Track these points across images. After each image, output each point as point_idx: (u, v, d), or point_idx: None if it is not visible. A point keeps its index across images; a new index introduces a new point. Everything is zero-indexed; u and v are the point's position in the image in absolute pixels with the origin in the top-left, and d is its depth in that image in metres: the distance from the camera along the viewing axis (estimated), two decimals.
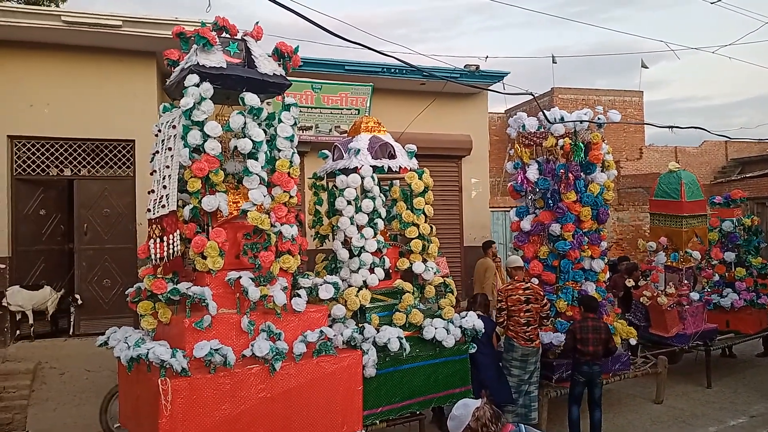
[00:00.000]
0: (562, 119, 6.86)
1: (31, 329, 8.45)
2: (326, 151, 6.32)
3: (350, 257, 5.63)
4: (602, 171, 7.17)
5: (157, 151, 4.89)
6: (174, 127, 4.72)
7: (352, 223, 5.59)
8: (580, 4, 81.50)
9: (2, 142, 8.37)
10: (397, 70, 10.62)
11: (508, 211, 13.35)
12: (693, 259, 8.43)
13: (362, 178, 5.63)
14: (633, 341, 7.35)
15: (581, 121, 6.85)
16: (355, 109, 10.62)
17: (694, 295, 8.21)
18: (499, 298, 6.46)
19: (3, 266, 8.30)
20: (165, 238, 4.56)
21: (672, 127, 7.27)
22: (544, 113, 6.78)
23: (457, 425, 2.80)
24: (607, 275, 7.34)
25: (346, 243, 5.67)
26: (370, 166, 5.73)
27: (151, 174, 4.93)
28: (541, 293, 6.46)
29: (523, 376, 6.26)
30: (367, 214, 5.64)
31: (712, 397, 7.77)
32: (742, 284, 8.85)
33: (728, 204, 9.30)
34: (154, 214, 4.69)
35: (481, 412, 2.77)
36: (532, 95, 6.80)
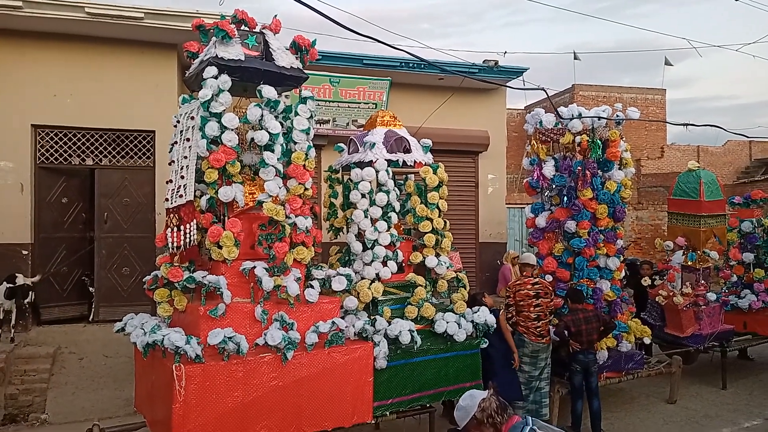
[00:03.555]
0: (579, 116, 6.82)
1: None
2: (342, 145, 6.36)
3: (363, 250, 5.67)
4: (620, 169, 7.11)
5: (176, 142, 4.97)
6: (192, 118, 4.79)
7: (366, 216, 5.63)
8: None
9: (26, 131, 8.55)
10: (415, 65, 10.61)
11: (525, 207, 13.34)
12: (711, 259, 8.33)
13: (377, 171, 5.66)
14: (647, 340, 7.30)
15: (598, 118, 6.80)
16: (373, 104, 10.64)
17: (711, 296, 8.13)
18: (507, 294, 6.48)
19: (25, 252, 8.50)
20: (182, 228, 4.63)
21: (687, 124, 7.24)
22: (556, 110, 6.76)
23: (463, 416, 2.82)
24: (623, 273, 7.29)
25: (360, 236, 5.71)
26: (385, 159, 5.76)
27: (170, 164, 5.01)
28: (550, 289, 6.48)
29: (533, 372, 6.27)
30: (381, 208, 5.68)
31: (727, 399, 7.69)
32: (760, 285, 8.70)
33: (748, 204, 9.15)
34: (171, 203, 4.77)
35: (487, 403, 2.78)
36: (544, 90, 6.77)
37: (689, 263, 8.23)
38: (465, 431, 2.82)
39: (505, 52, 10.04)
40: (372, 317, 5.40)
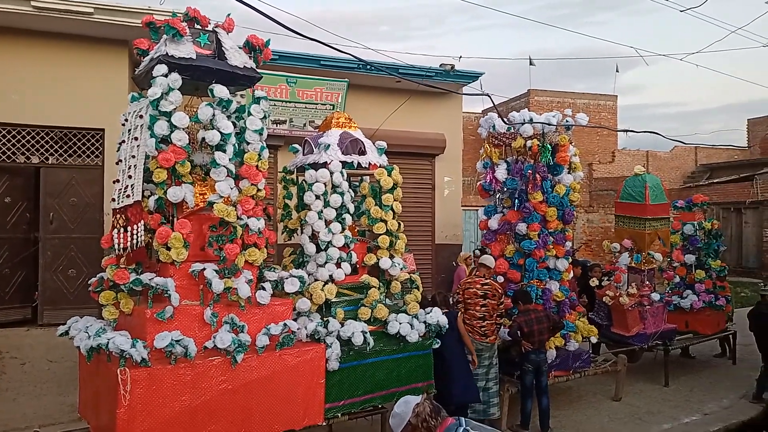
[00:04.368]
0: (530, 120, 6.98)
1: None
2: (297, 146, 6.34)
3: (317, 251, 5.66)
4: (569, 173, 7.30)
5: (124, 141, 4.87)
6: (141, 116, 4.70)
7: (320, 218, 5.61)
8: (566, 6, 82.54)
9: None
10: (372, 67, 10.66)
11: (479, 210, 13.55)
12: (655, 261, 8.65)
13: (331, 173, 5.66)
14: (594, 339, 7.52)
15: (548, 124, 6.98)
16: (330, 105, 10.62)
17: (655, 296, 8.43)
18: (457, 291, 6.63)
19: None
20: (129, 228, 4.53)
21: (627, 131, 7.59)
22: (500, 115, 6.93)
23: (398, 422, 2.87)
24: (571, 274, 7.49)
25: (314, 237, 5.69)
26: (340, 161, 5.76)
27: (117, 163, 4.90)
28: (499, 291, 6.62)
29: (477, 371, 6.37)
30: (335, 209, 5.68)
31: (669, 395, 8.00)
32: (701, 286, 9.11)
33: (690, 208, 9.56)
34: (118, 203, 4.66)
35: (420, 408, 2.84)
36: (489, 96, 6.91)
37: (635, 265, 8.53)
38: None
39: (461, 57, 10.18)
40: (325, 319, 5.39)
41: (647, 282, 8.53)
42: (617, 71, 21.01)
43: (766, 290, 8.15)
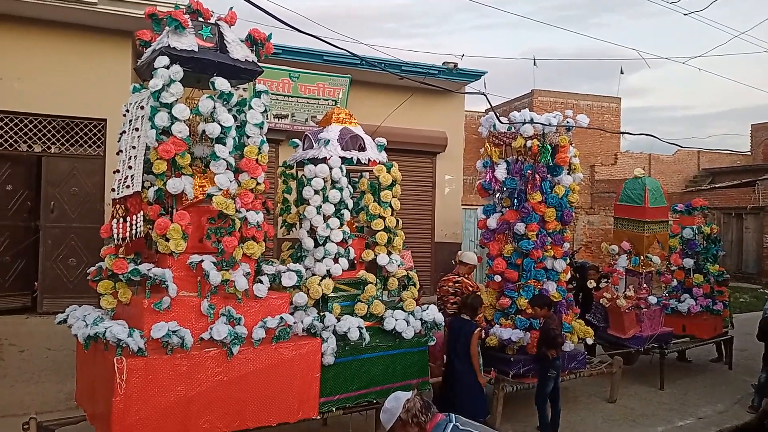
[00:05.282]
0: (531, 120, 6.98)
1: None
2: (297, 140, 6.36)
3: (315, 246, 5.68)
4: (568, 174, 7.30)
5: (125, 131, 4.89)
6: (142, 107, 4.72)
7: (318, 213, 5.63)
8: (573, 7, 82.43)
9: None
10: (364, 62, 10.65)
11: (479, 209, 13.57)
12: (653, 264, 8.66)
13: (330, 168, 5.68)
14: (590, 341, 7.54)
15: (548, 125, 6.97)
16: (332, 100, 10.63)
17: (652, 299, 8.44)
18: (437, 289, 6.75)
19: None
20: (128, 219, 4.56)
21: (623, 132, 7.57)
22: (496, 115, 6.94)
23: (389, 418, 2.89)
24: (569, 275, 7.50)
25: (312, 232, 5.72)
26: (339, 157, 5.78)
27: (118, 154, 4.92)
28: (470, 288, 6.68)
29: None
30: (334, 205, 5.70)
31: (664, 398, 8.02)
32: (699, 290, 9.11)
33: (689, 212, 9.56)
34: (118, 194, 4.69)
35: (411, 403, 2.86)
36: (485, 95, 6.93)
37: (633, 267, 8.54)
38: None
39: (463, 55, 10.19)
40: (321, 313, 5.42)
41: (645, 285, 8.54)
42: (622, 73, 20.97)
43: None
